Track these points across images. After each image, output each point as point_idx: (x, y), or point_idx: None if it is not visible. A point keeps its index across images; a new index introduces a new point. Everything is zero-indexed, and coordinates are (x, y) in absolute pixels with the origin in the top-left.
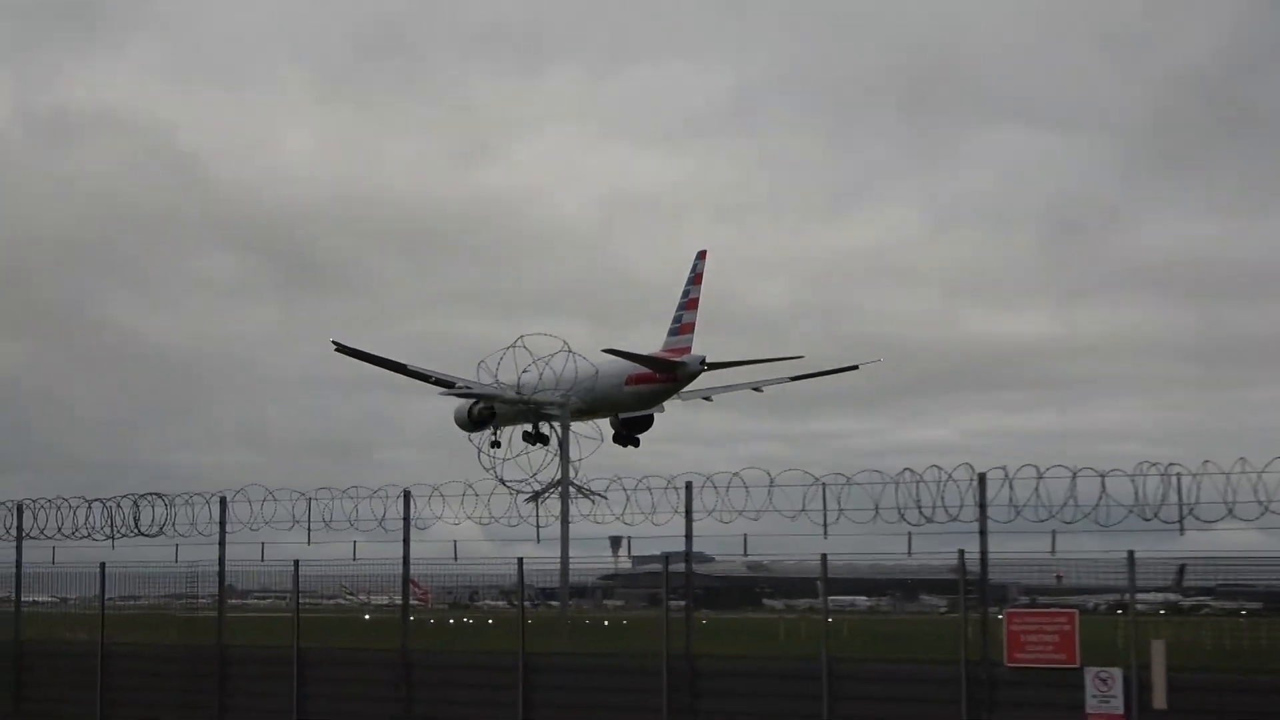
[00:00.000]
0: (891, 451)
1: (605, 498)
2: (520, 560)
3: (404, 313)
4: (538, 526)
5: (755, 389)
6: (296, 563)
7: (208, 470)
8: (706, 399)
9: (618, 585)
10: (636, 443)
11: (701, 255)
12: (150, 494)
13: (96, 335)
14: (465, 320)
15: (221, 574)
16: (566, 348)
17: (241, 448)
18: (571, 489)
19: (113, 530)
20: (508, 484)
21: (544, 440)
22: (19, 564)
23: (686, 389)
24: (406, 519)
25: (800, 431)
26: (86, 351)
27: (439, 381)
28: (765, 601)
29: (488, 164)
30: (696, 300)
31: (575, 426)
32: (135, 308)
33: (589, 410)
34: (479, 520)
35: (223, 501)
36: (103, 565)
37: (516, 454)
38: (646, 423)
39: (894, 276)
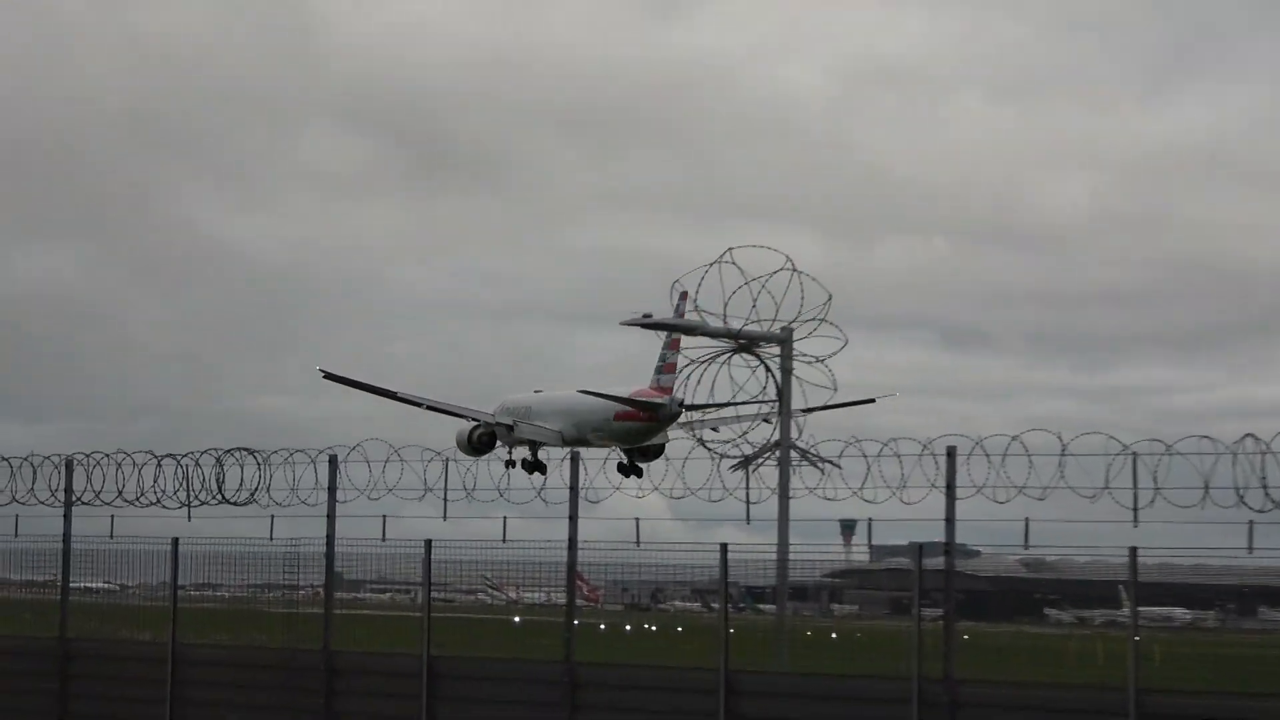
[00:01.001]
0: (1228, 412)
1: (839, 466)
2: (723, 548)
3: (570, 215)
4: (748, 503)
5: (766, 420)
6: (428, 544)
7: (313, 420)
8: (714, 430)
9: (850, 585)
10: (639, 471)
11: (683, 297)
12: (238, 449)
13: (169, 241)
14: (652, 228)
15: (330, 556)
16: (789, 265)
17: (357, 392)
18: (794, 454)
19: (189, 496)
20: (709, 445)
21: (542, 469)
22: (67, 538)
23: (693, 420)
24: (574, 489)
25: (1102, 385)
26: (157, 262)
27: (433, 409)
28: (1048, 612)
29: (685, 19)
30: (679, 341)
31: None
32: (221, 206)
33: (580, 440)
34: (669, 493)
35: (332, 462)
36: (175, 542)
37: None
38: (657, 450)
39: (1235, 176)
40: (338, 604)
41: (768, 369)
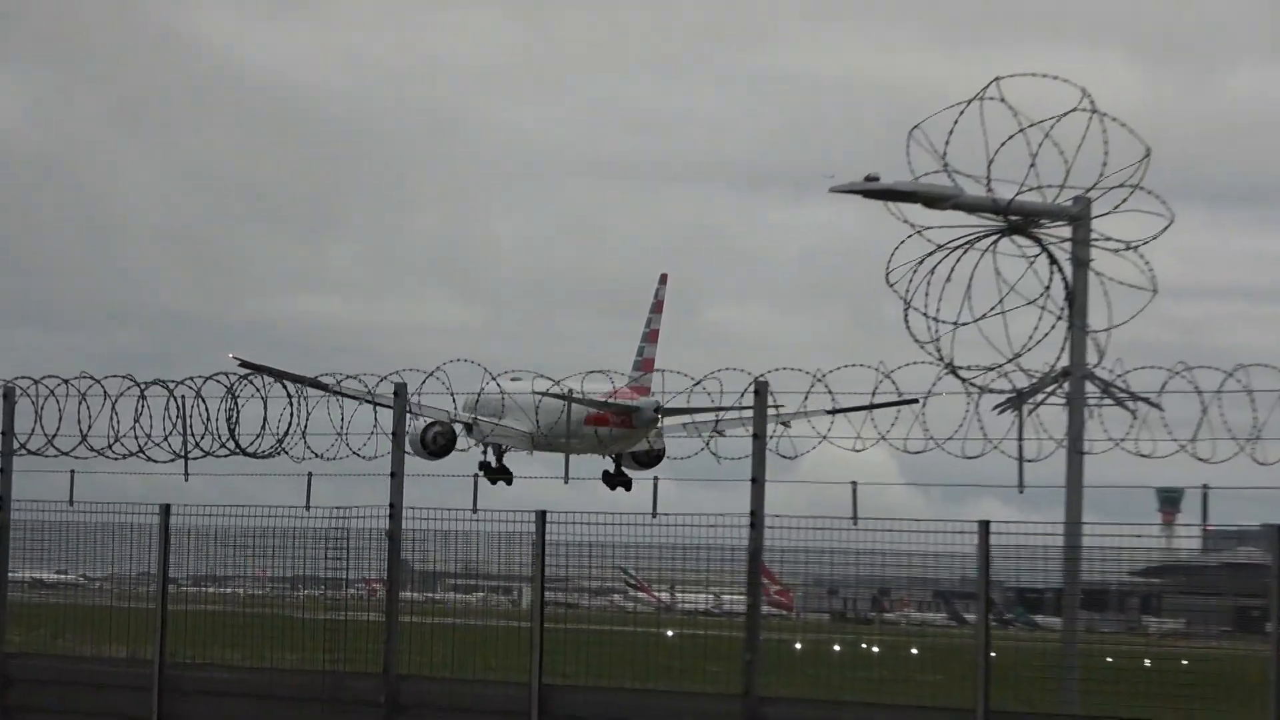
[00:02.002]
0: None
1: (1159, 407)
2: (983, 528)
3: (758, 29)
4: (1020, 460)
5: (784, 424)
6: (541, 517)
7: (367, 329)
8: (720, 432)
9: (1173, 587)
10: (627, 484)
11: (662, 280)
12: (259, 374)
13: (163, 66)
14: (881, 47)
15: (395, 536)
16: (1087, 104)
17: (434, 288)
18: (1090, 387)
19: (186, 444)
20: (962, 373)
21: (506, 476)
22: (3, 503)
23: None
24: (759, 435)
25: None
26: (145, 98)
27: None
28: None
29: None
30: (657, 333)
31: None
32: (237, 11)
33: (553, 445)
34: (901, 445)
35: (400, 393)
36: (165, 511)
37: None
38: (655, 457)
39: None
40: (406, 607)
41: (1052, 260)
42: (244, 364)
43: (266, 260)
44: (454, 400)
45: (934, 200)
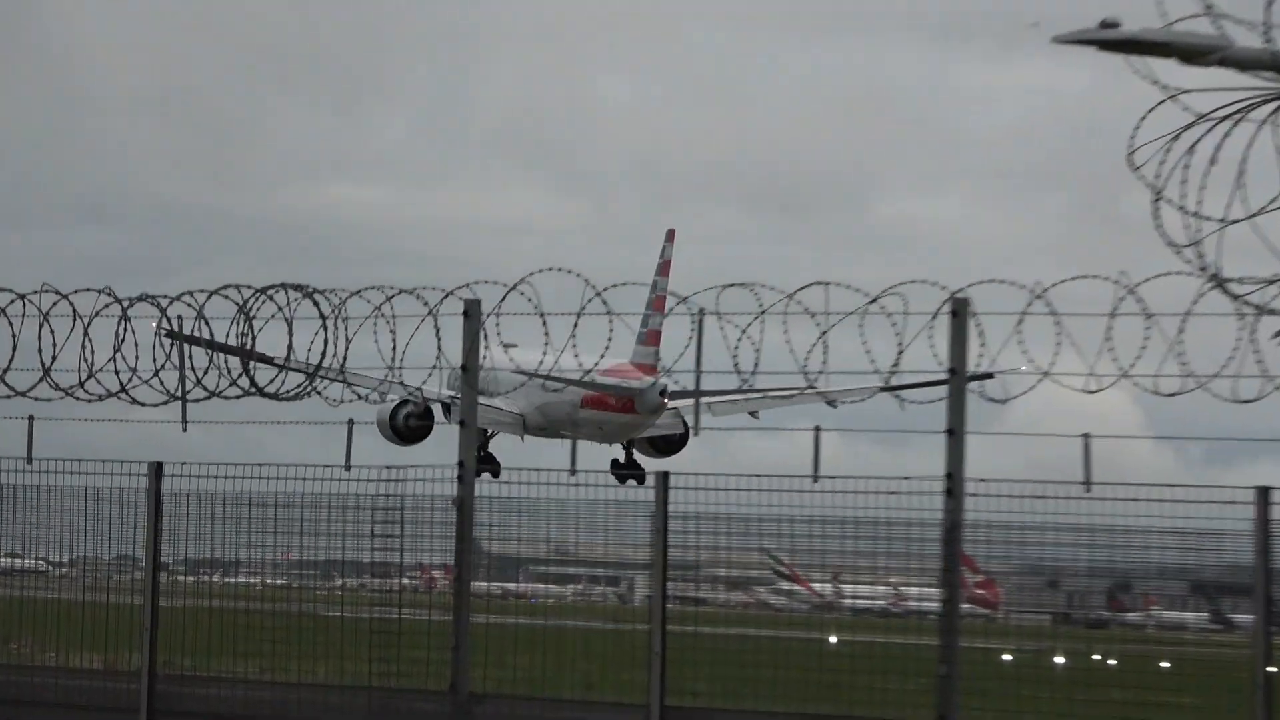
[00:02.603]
0: None
1: None
2: (1262, 495)
3: None
4: None
5: (830, 402)
6: (663, 479)
7: (424, 228)
8: (754, 415)
9: None
10: (640, 476)
11: (669, 236)
12: (281, 287)
13: None
14: None
15: (466, 504)
16: None
17: (512, 171)
18: None
19: (182, 381)
20: (1231, 288)
21: (492, 467)
22: None
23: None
24: (958, 371)
25: None
26: None
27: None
28: None
29: None
30: (664, 299)
31: None
32: None
33: (549, 430)
34: (1149, 385)
35: (471, 312)
36: (156, 471)
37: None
38: (679, 441)
39: None
40: (479, 603)
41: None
42: (171, 334)
43: (291, 137)
44: (445, 366)
45: (1194, 54)
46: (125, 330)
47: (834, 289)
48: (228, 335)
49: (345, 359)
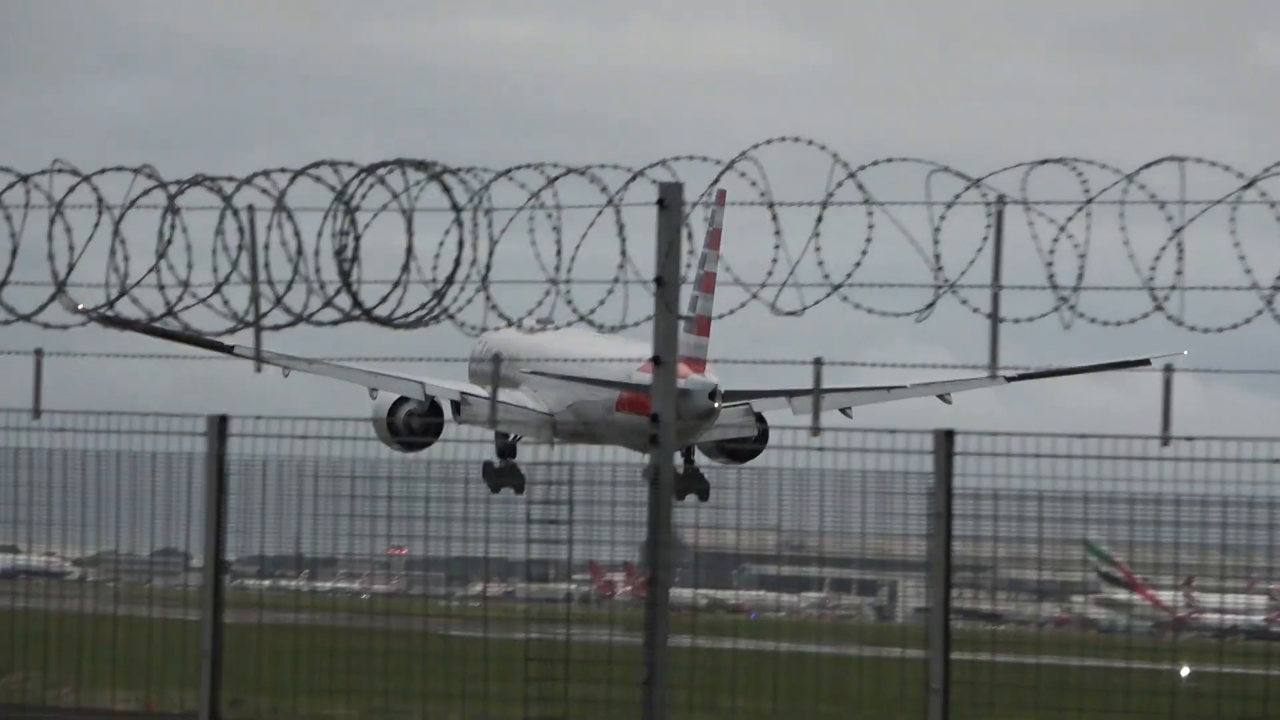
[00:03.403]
0: None
1: None
2: None
3: None
4: None
5: (942, 397)
6: (946, 438)
7: (606, 77)
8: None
9: None
10: (704, 491)
11: (719, 199)
12: (395, 165)
13: None
14: None
15: (664, 480)
16: None
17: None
18: None
19: (254, 298)
20: None
21: (516, 481)
22: None
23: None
24: None
25: None
26: None
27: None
28: None
29: None
30: (714, 276)
31: None
32: None
33: (583, 434)
34: None
35: (665, 199)
36: (218, 428)
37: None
38: (750, 450)
39: None
40: (682, 618)
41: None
42: (107, 321)
43: None
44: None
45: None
46: (173, 227)
47: (1194, 166)
48: (320, 233)
49: (489, 268)
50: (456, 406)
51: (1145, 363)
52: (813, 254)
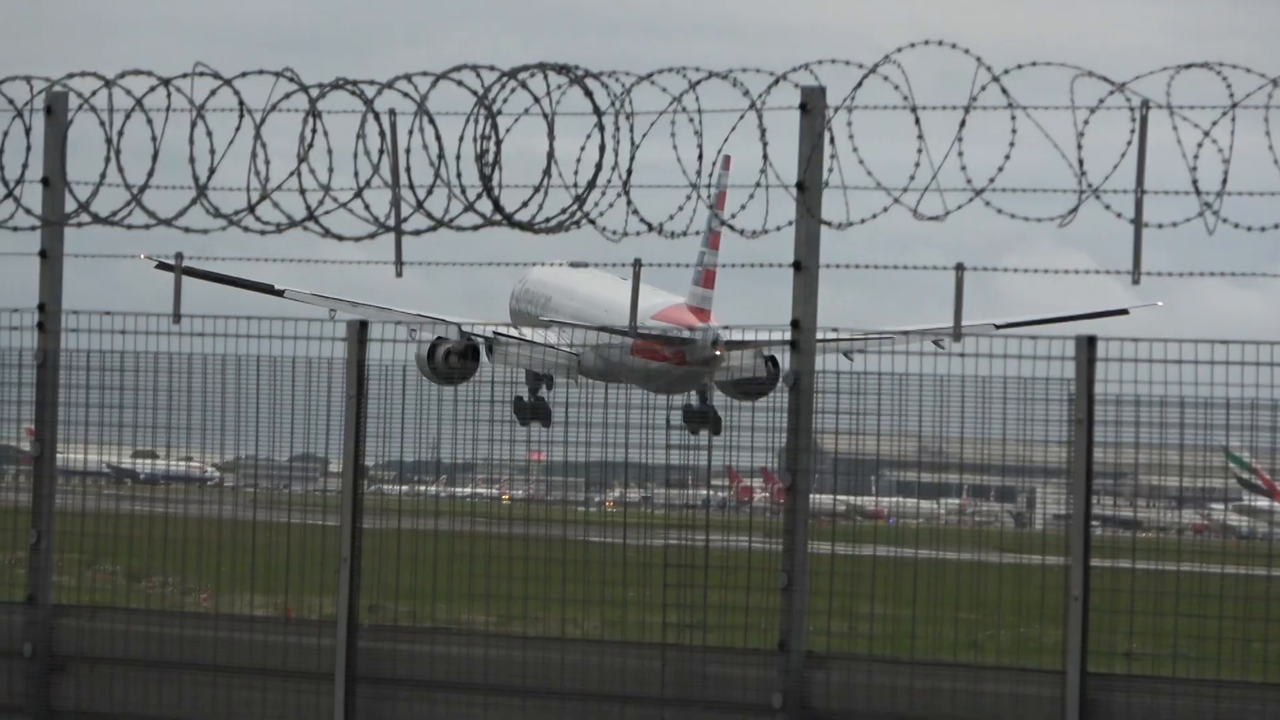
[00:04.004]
0: None
1: None
2: None
3: None
4: None
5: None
6: (1088, 344)
7: None
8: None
9: None
10: (716, 425)
11: (725, 164)
12: (549, 68)
13: None
14: None
15: (804, 381)
16: None
17: None
18: None
19: (396, 202)
20: None
21: (543, 416)
22: (46, 319)
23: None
24: None
25: None
26: None
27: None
28: None
29: None
30: (719, 236)
31: None
32: None
33: (607, 375)
34: None
35: (809, 104)
36: (358, 333)
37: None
38: (760, 385)
39: None
40: (821, 526)
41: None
42: (163, 265)
43: None
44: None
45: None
46: (314, 131)
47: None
48: (462, 137)
49: (630, 173)
50: (489, 346)
51: (1124, 312)
52: (955, 159)
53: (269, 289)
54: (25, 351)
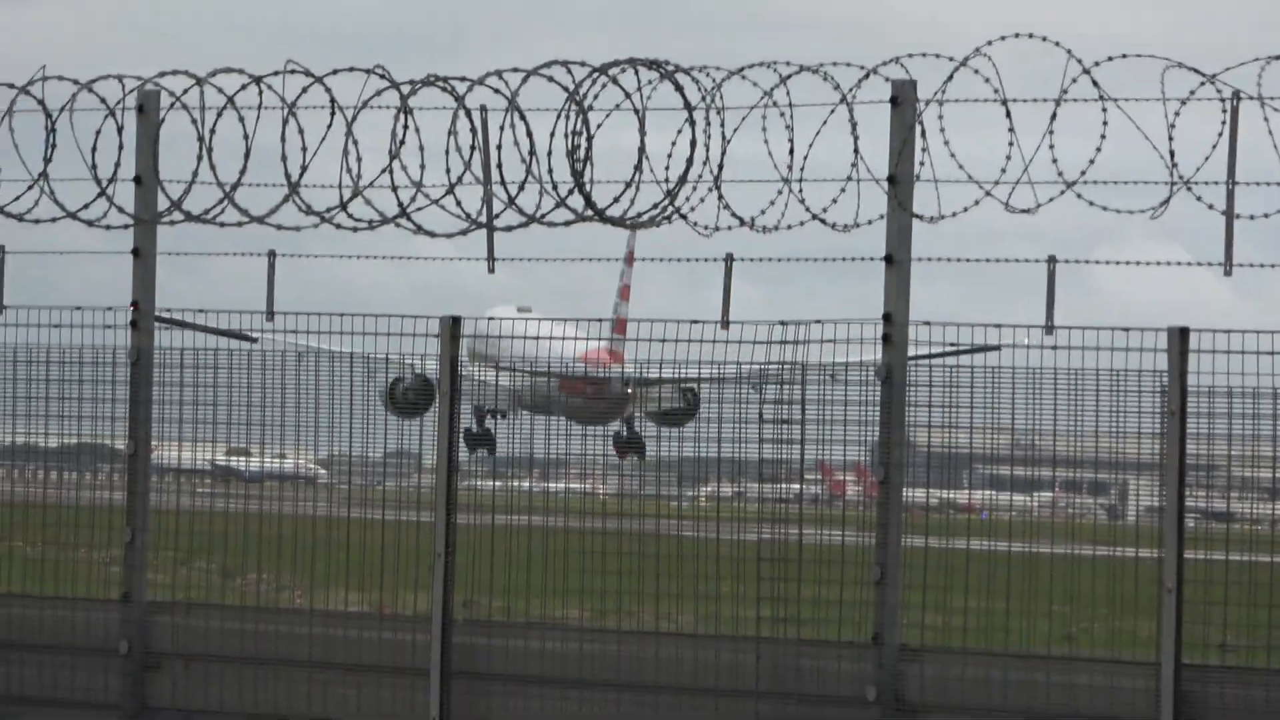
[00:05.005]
0: None
1: None
2: None
3: None
4: None
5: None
6: (1181, 335)
7: None
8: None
9: None
10: (640, 449)
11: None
12: (640, 64)
13: None
14: None
15: (898, 378)
16: None
17: None
18: None
19: (487, 197)
20: None
21: (486, 442)
22: (140, 316)
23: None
24: None
25: None
26: None
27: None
28: None
29: None
30: (629, 289)
31: None
32: None
33: (542, 408)
34: None
35: (899, 97)
36: (451, 329)
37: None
38: (684, 413)
39: None
40: (915, 520)
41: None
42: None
43: None
44: None
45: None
46: (406, 128)
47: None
48: (553, 133)
49: (721, 167)
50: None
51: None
52: (1045, 151)
53: (245, 336)
54: (119, 350)
